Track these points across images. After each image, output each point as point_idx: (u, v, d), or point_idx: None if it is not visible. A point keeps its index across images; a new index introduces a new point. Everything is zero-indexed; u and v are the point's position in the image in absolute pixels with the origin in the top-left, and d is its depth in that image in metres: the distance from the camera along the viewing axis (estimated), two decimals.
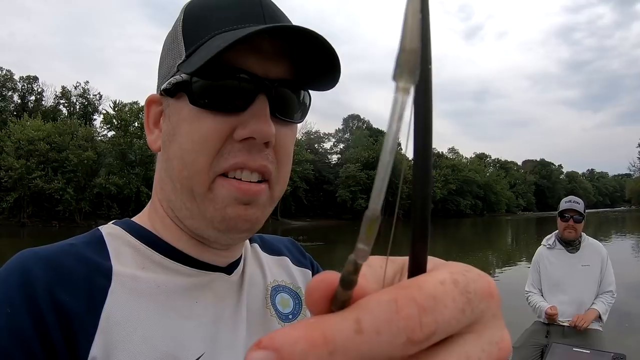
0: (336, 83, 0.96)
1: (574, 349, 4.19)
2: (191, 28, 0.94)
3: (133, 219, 1.08)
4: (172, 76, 0.94)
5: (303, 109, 1.00)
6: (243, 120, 0.89)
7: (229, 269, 1.07)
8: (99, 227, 1.03)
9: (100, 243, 0.96)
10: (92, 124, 71.37)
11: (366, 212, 0.29)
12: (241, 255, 1.13)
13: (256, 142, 0.89)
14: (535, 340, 5.02)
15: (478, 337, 0.33)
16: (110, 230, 1.01)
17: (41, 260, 0.87)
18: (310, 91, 1.02)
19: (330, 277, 0.30)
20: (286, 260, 1.28)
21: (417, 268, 0.33)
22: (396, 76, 0.28)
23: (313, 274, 1.29)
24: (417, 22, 0.28)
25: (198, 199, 0.93)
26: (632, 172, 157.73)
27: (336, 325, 0.28)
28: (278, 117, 0.93)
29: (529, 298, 5.41)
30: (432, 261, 0.35)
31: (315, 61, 0.93)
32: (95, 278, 0.88)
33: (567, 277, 5.20)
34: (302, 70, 0.97)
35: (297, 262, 1.30)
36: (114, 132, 62.49)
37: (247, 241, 1.20)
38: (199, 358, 0.91)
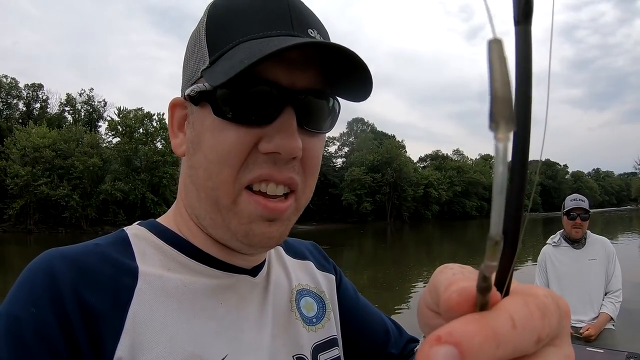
0: (368, 95, 0.92)
1: (588, 348, 4.14)
2: (214, 32, 0.90)
3: (158, 219, 1.06)
4: (196, 82, 0.90)
5: (332, 117, 0.97)
6: (268, 133, 0.86)
7: (254, 271, 1.06)
8: (124, 228, 1.02)
9: (125, 243, 0.95)
10: (97, 131, 71.57)
11: (489, 235, 0.31)
12: (265, 258, 1.12)
13: (282, 156, 0.86)
14: None
15: (559, 350, 0.38)
16: (135, 231, 1.00)
17: (67, 260, 0.86)
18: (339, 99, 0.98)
19: (470, 286, 0.35)
20: (310, 264, 1.27)
21: (502, 281, 0.36)
22: (492, 128, 0.29)
23: (337, 279, 1.30)
24: (505, 67, 0.28)
25: (223, 210, 0.91)
26: (637, 171, 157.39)
27: (499, 322, 0.32)
28: (306, 129, 0.90)
29: None
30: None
31: (344, 69, 0.89)
32: (121, 278, 0.88)
33: (575, 272, 5.25)
34: (331, 77, 0.93)
35: (321, 267, 1.30)
36: (119, 139, 62.63)
37: None
38: (223, 359, 0.90)
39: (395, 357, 1.27)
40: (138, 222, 1.06)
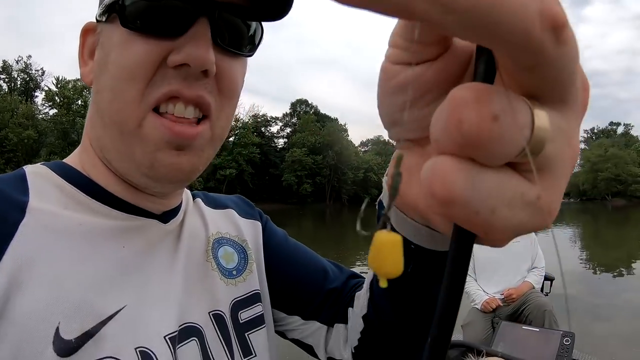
0: (288, 11, 0.86)
1: (524, 327, 4.43)
2: None
3: (64, 160, 0.95)
4: None
5: (253, 41, 0.90)
6: (179, 45, 0.77)
7: (165, 218, 0.96)
8: (25, 166, 0.91)
9: (21, 180, 0.84)
10: (34, 101, 69.35)
11: None
12: (180, 205, 1.03)
13: (192, 69, 0.77)
14: (484, 315, 5.45)
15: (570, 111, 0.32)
16: (35, 169, 0.88)
17: None
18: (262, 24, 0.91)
19: None
20: (232, 212, 1.17)
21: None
22: None
23: (263, 226, 1.20)
24: None
25: (127, 136, 0.80)
26: None
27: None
28: (222, 46, 0.82)
29: (466, 285, 5.70)
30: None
31: None
32: (5, 210, 0.76)
33: (502, 254, 5.62)
34: None
35: (244, 214, 1.19)
36: (56, 110, 61.02)
37: (190, 196, 1.11)
38: (119, 310, 0.78)
39: (338, 291, 1.12)
40: (42, 162, 0.95)
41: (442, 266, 0.34)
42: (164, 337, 0.83)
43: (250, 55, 0.91)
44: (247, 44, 0.88)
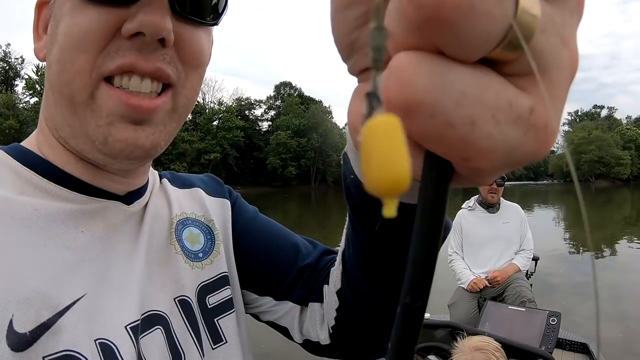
0: None
1: (510, 307, 4.42)
2: None
3: (22, 143, 0.88)
4: None
5: (216, 10, 0.83)
6: (133, 13, 0.71)
7: (128, 199, 0.89)
8: None
9: None
10: (14, 90, 68.05)
11: None
12: (146, 186, 0.96)
13: (147, 39, 0.71)
14: (471, 295, 5.36)
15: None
16: None
17: None
18: None
19: None
20: (198, 190, 1.09)
21: None
22: None
23: (232, 204, 1.13)
24: None
25: (79, 110, 0.73)
26: (555, 149, 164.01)
27: None
28: (181, 14, 0.75)
29: (453, 263, 5.70)
30: None
31: None
32: None
33: (491, 234, 5.55)
34: None
35: (212, 192, 1.12)
36: (37, 99, 60.31)
37: (157, 177, 1.04)
38: (78, 300, 0.73)
39: (311, 268, 1.05)
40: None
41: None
42: (126, 327, 0.77)
43: (214, 24, 0.84)
44: (210, 12, 0.81)
